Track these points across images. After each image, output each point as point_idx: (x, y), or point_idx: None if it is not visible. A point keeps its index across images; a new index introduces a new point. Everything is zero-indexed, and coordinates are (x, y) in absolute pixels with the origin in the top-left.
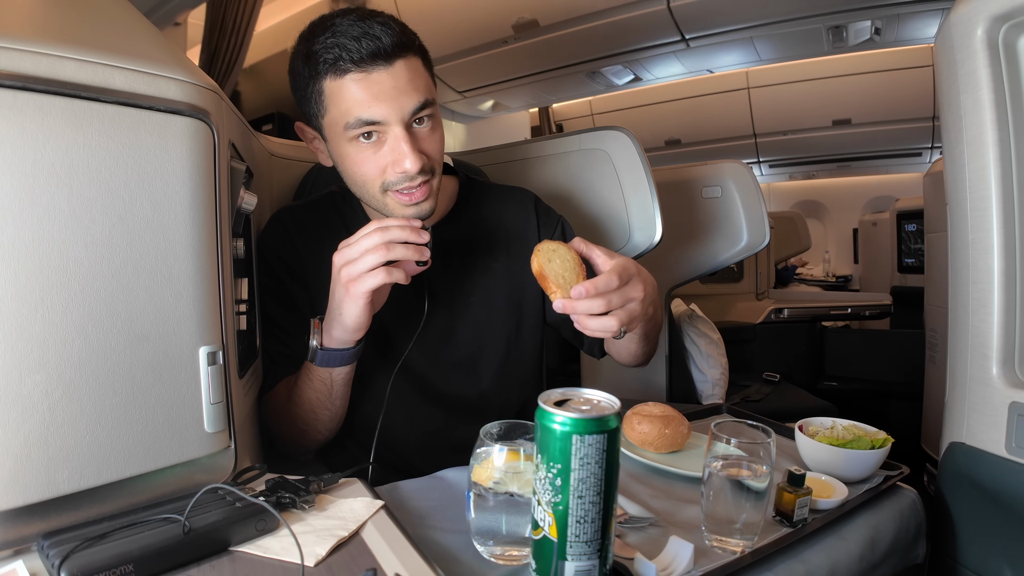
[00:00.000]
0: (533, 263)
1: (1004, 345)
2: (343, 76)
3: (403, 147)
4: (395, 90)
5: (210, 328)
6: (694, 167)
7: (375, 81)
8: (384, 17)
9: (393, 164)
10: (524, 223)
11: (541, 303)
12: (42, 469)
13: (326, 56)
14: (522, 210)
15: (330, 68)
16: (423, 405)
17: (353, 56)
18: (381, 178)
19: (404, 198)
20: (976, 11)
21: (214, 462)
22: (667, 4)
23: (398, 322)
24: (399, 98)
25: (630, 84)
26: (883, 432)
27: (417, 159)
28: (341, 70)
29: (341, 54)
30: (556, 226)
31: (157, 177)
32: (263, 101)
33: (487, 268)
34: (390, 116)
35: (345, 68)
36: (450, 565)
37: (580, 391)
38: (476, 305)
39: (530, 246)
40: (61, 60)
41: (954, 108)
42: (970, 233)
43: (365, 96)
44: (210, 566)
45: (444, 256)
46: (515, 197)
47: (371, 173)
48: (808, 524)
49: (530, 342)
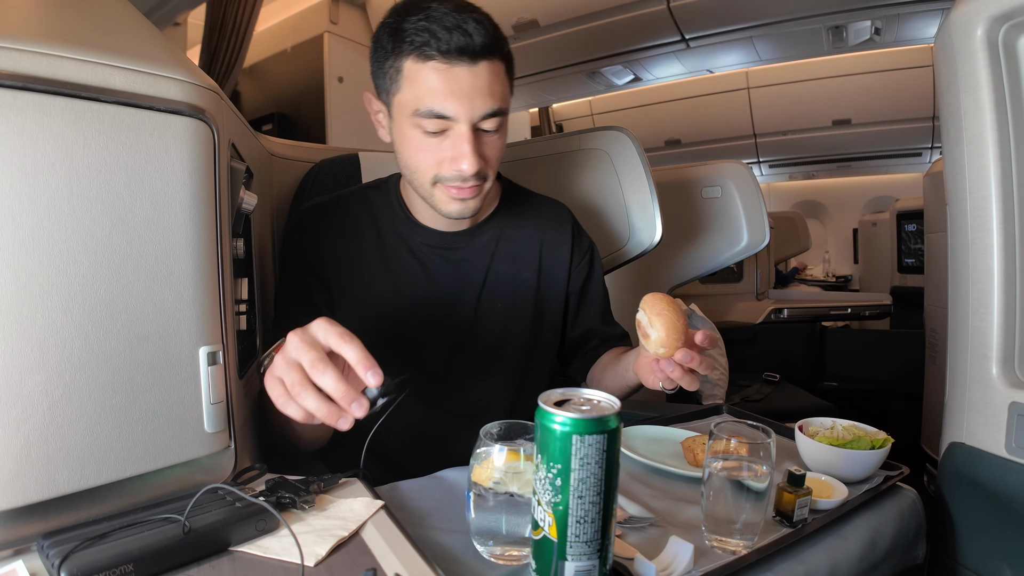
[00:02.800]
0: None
1: (1004, 345)
2: (426, 62)
3: (465, 147)
4: (472, 90)
5: (210, 328)
6: (694, 167)
7: (455, 76)
8: (480, 14)
9: (451, 160)
10: (560, 241)
11: (561, 318)
12: (42, 469)
13: (415, 38)
14: (559, 227)
15: (415, 50)
16: (432, 410)
17: (441, 46)
18: (436, 170)
19: (453, 192)
20: (976, 11)
21: (214, 462)
22: (667, 4)
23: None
24: (474, 99)
25: (630, 84)
26: (883, 432)
27: (475, 162)
28: (426, 55)
29: (429, 40)
30: (587, 252)
31: (157, 177)
32: (263, 101)
33: (518, 277)
34: (460, 114)
35: (430, 55)
36: (450, 565)
37: (580, 391)
38: (502, 312)
39: (562, 264)
40: (61, 60)
41: (954, 108)
42: (970, 233)
43: (442, 88)
44: (210, 566)
45: (478, 260)
46: (553, 212)
47: (427, 163)
48: (808, 524)
49: (545, 356)
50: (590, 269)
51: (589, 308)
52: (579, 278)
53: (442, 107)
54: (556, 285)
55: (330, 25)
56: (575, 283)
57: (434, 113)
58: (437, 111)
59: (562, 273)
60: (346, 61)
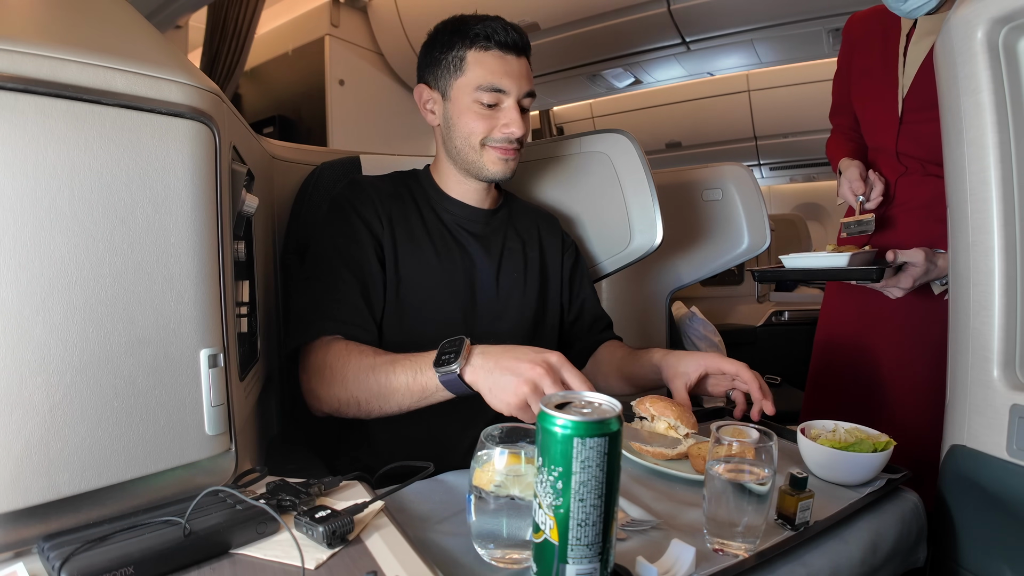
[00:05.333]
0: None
1: (1005, 348)
2: (487, 51)
3: (514, 115)
4: (519, 74)
5: (211, 330)
6: (695, 170)
7: (508, 63)
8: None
9: (503, 126)
10: (553, 231)
11: (559, 317)
12: (43, 471)
13: (481, 32)
14: (550, 223)
15: (480, 42)
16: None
17: (500, 39)
18: (487, 134)
19: (500, 152)
20: (976, 13)
21: (215, 465)
22: (667, 7)
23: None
24: (520, 80)
25: (631, 87)
26: (885, 435)
27: (522, 126)
28: (486, 47)
29: (492, 34)
30: (573, 246)
31: (158, 180)
32: (264, 104)
33: (527, 254)
34: (512, 89)
35: (489, 46)
36: (451, 568)
37: (581, 394)
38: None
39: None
40: (63, 63)
41: (954, 110)
42: (971, 235)
43: (500, 69)
44: (211, 569)
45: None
46: (543, 212)
47: (481, 127)
48: (810, 527)
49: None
50: (576, 258)
51: (580, 288)
52: (569, 263)
53: (501, 83)
54: (553, 266)
55: (331, 28)
56: (567, 267)
57: (493, 87)
58: (497, 85)
59: (557, 257)
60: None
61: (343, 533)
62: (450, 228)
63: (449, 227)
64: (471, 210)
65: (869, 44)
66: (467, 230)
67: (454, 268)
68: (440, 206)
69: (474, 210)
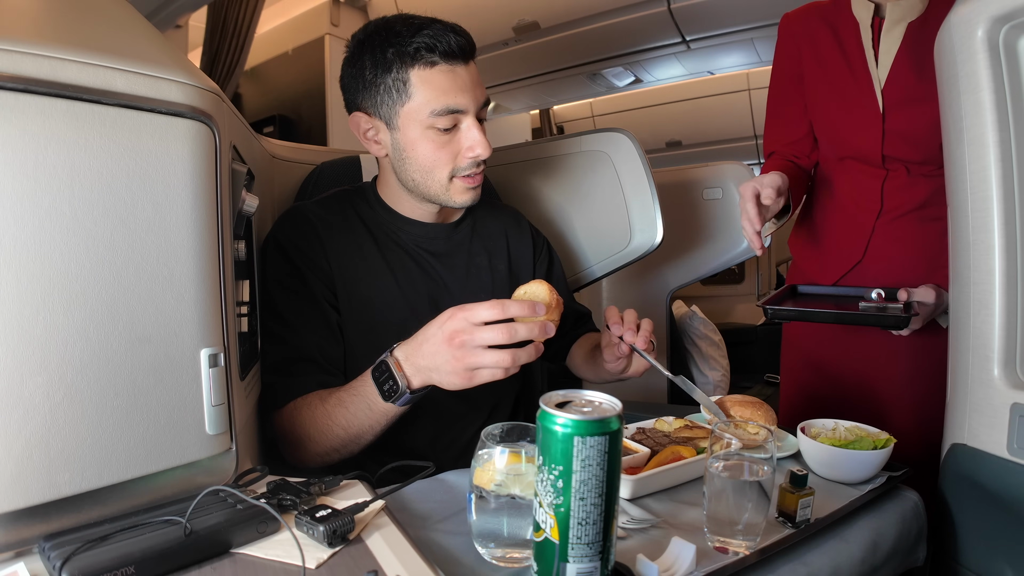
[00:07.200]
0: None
1: (1006, 346)
2: (433, 67)
3: (477, 135)
4: (472, 84)
5: (211, 330)
6: (695, 168)
7: (459, 75)
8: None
9: (467, 150)
10: (521, 236)
11: None
12: (43, 471)
13: (421, 45)
14: (519, 225)
15: (422, 57)
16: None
17: (444, 49)
18: (452, 164)
19: (468, 182)
20: (976, 12)
21: (215, 464)
22: (668, 6)
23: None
24: (475, 91)
25: (631, 86)
26: (885, 433)
27: (487, 145)
28: (431, 62)
29: (435, 45)
30: (545, 245)
31: (159, 179)
32: (264, 103)
33: (494, 268)
34: (469, 105)
35: (434, 60)
36: (451, 567)
37: (581, 393)
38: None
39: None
40: (63, 63)
41: (955, 109)
42: (971, 234)
43: (452, 86)
44: (211, 568)
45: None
46: (511, 213)
47: (444, 158)
48: (811, 525)
49: None
50: (550, 259)
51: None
52: (543, 268)
53: (455, 102)
54: (525, 276)
55: (331, 27)
56: (540, 273)
57: (449, 109)
58: (452, 106)
59: (528, 264)
60: None
61: (344, 532)
62: (409, 251)
63: (408, 250)
64: (430, 227)
65: (819, 42)
66: (427, 250)
67: (416, 294)
68: (395, 227)
69: (433, 227)
